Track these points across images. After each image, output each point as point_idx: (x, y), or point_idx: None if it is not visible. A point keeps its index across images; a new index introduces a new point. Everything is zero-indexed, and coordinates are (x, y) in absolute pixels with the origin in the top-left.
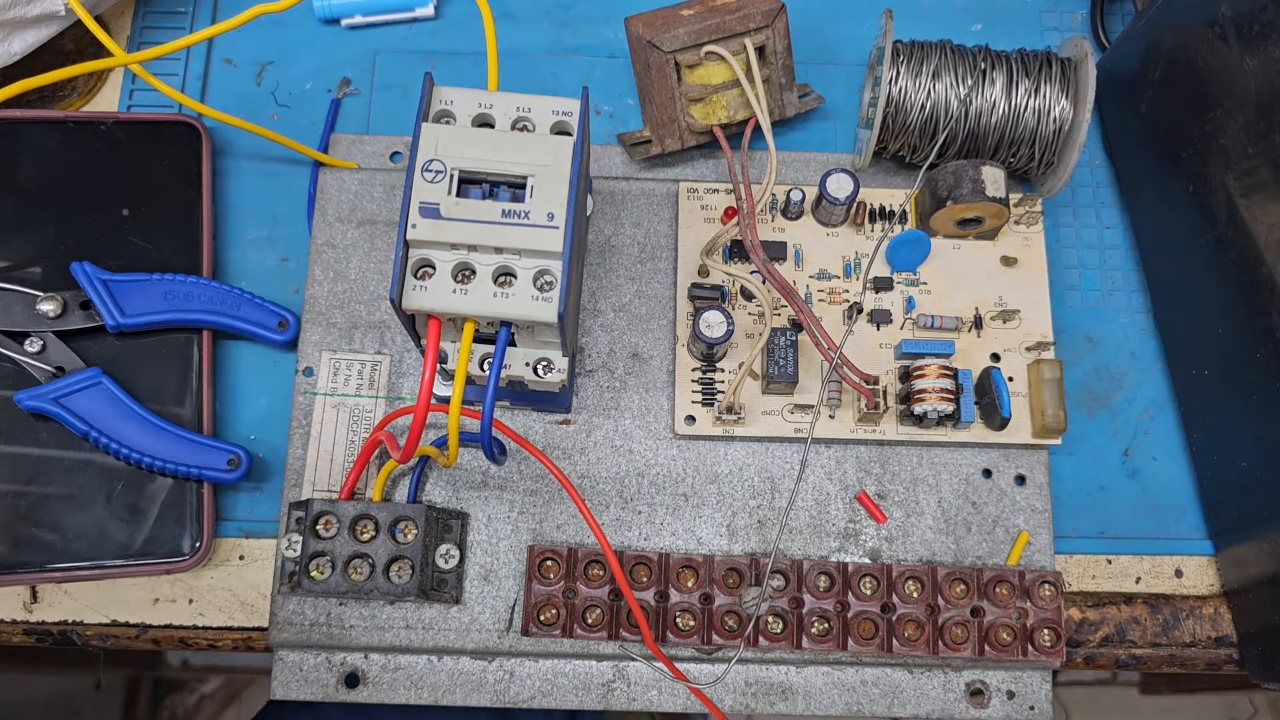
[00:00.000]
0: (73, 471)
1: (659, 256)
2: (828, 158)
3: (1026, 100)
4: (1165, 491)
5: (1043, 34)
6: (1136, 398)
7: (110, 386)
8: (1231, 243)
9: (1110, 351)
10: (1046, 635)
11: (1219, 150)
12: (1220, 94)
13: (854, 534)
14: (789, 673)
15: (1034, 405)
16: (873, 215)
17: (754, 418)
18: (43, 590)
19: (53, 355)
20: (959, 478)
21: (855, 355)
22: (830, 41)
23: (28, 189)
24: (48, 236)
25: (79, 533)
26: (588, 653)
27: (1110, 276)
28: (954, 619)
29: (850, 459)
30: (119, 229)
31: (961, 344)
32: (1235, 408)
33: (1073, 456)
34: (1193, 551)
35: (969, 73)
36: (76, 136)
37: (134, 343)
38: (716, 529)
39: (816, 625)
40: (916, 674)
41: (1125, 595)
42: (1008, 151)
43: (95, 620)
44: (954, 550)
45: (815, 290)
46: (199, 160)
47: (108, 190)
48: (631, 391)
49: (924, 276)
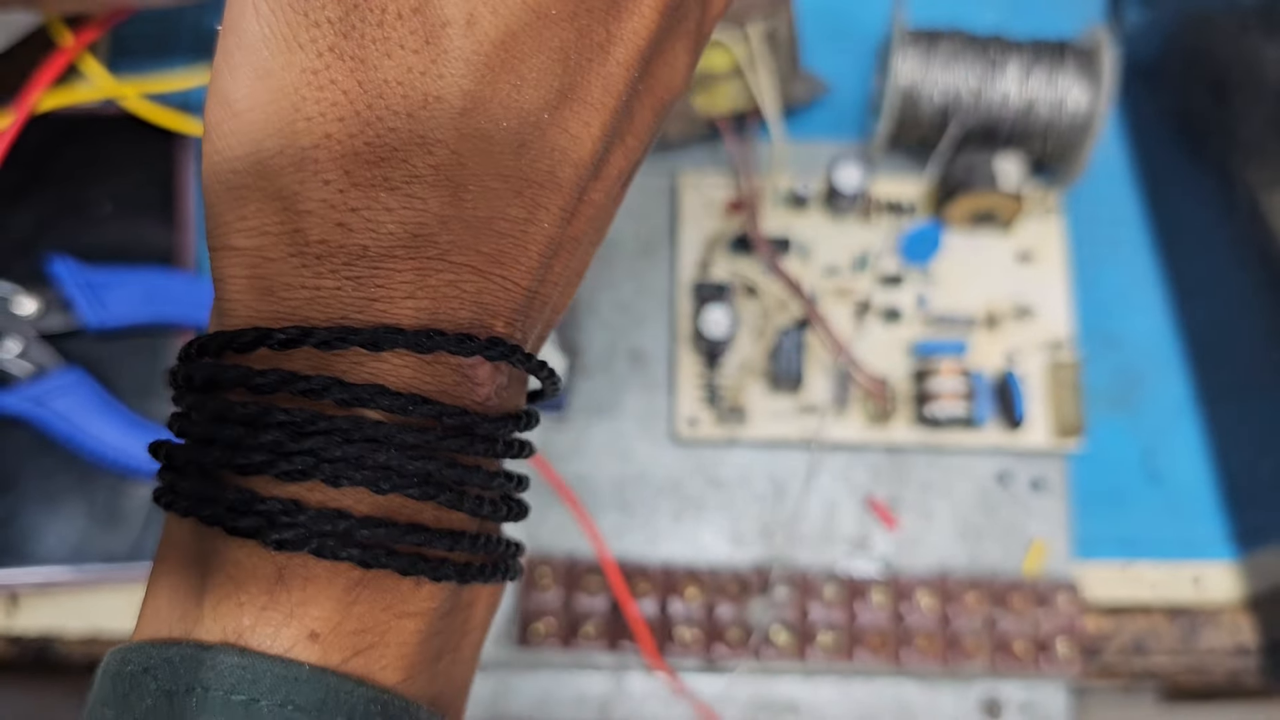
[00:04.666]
0: (53, 475)
1: (659, 251)
2: (836, 147)
3: (1042, 90)
4: (1186, 496)
5: (1058, 22)
6: (1157, 399)
7: (92, 387)
8: (1254, 237)
9: (1130, 350)
10: (1062, 645)
11: (1241, 142)
12: (1242, 84)
13: (863, 541)
14: (795, 685)
15: (1051, 407)
16: (883, 207)
17: (758, 419)
18: (22, 598)
19: (32, 355)
20: (973, 482)
21: (864, 354)
22: (838, 26)
23: (4, 185)
24: (26, 233)
25: (60, 538)
26: (586, 664)
27: (1130, 272)
28: (967, 629)
29: (859, 463)
30: (99, 225)
31: (975, 342)
32: (1259, 409)
33: (1091, 460)
34: (1214, 557)
35: (982, 61)
36: (54, 130)
37: (116, 342)
38: (720, 536)
39: (823, 636)
40: (928, 686)
41: (1143, 604)
42: (1022, 143)
43: (77, 628)
44: (967, 558)
45: (823, 286)
46: (180, 153)
47: (88, 186)
48: (631, 392)
49: (936, 272)
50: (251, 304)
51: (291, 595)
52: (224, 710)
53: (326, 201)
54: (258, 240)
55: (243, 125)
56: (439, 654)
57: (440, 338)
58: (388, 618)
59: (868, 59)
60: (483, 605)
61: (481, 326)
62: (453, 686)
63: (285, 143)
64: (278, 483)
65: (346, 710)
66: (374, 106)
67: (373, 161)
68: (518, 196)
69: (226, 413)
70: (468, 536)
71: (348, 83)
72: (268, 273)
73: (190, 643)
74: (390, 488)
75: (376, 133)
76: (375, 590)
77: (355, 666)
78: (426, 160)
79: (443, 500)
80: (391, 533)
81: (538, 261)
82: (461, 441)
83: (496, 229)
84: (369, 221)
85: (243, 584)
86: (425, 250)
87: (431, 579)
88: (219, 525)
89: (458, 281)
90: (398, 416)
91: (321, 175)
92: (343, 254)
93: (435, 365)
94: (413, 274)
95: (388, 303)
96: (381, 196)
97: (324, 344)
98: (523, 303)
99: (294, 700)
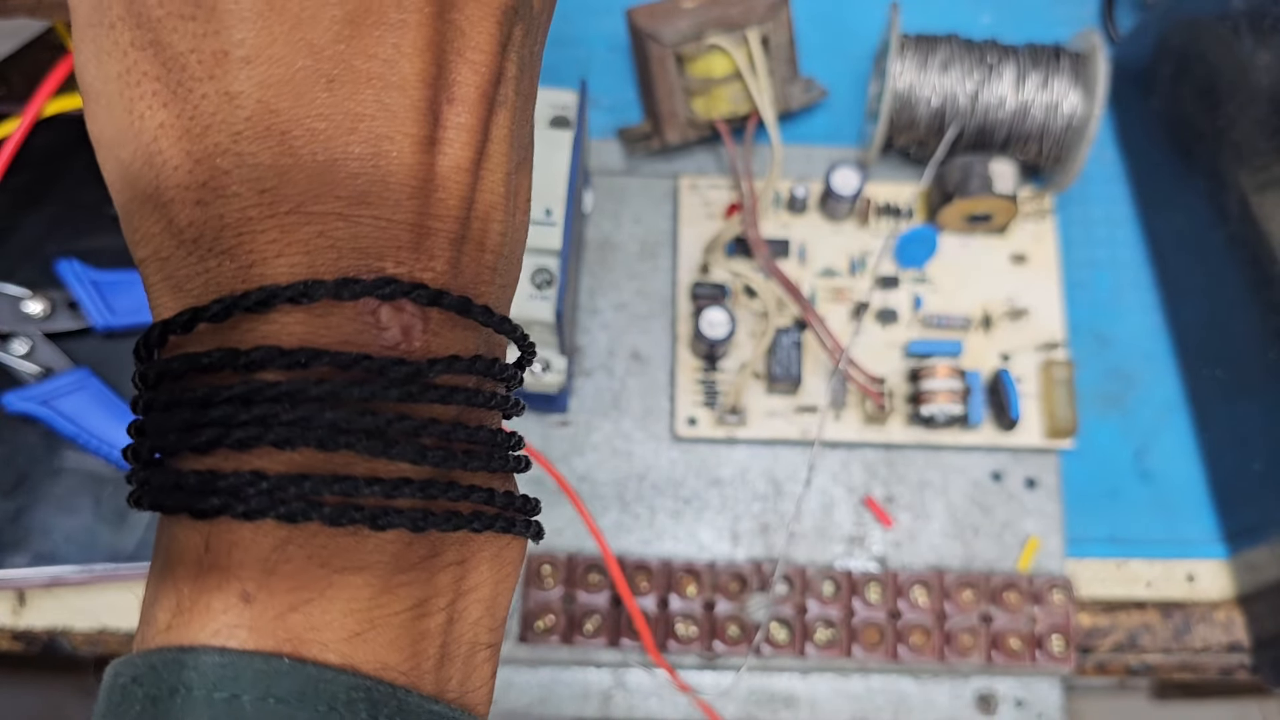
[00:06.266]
0: (61, 474)
1: (659, 253)
2: (833, 152)
3: (1036, 94)
4: (1178, 494)
5: (1052, 27)
6: (1149, 399)
7: (99, 387)
8: (1244, 240)
9: (1122, 351)
10: (1056, 642)
11: (1232, 146)
12: (1233, 89)
13: (860, 539)
14: (793, 681)
15: (1044, 406)
16: (880, 211)
17: (757, 419)
18: (30, 595)
19: (40, 356)
20: (968, 481)
21: (861, 355)
22: (835, 32)
23: (12, 187)
24: (34, 235)
25: (67, 537)
26: (587, 660)
27: (1122, 274)
28: (962, 625)
29: (856, 462)
30: (107, 226)
31: (970, 343)
32: (1249, 409)
33: (1083, 459)
34: (1206, 555)
35: (977, 66)
36: (62, 132)
37: (123, 343)
38: (719, 533)
39: (821, 632)
40: (923, 682)
41: (1137, 601)
42: (1017, 146)
43: (84, 626)
44: (962, 555)
45: (820, 288)
46: None
47: (95, 187)
48: (631, 392)
49: (932, 274)
50: (169, 304)
51: (219, 561)
52: (207, 707)
53: (180, 185)
54: (154, 245)
55: (109, 151)
56: (419, 613)
57: (319, 286)
58: (325, 573)
59: (865, 64)
60: (483, 565)
61: (369, 270)
62: (457, 651)
63: (135, 147)
64: (195, 457)
65: (327, 698)
66: (182, 81)
67: (200, 132)
68: (352, 134)
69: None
70: (414, 484)
71: (154, 68)
72: (171, 270)
73: (173, 648)
74: (302, 442)
75: (194, 105)
76: (305, 546)
77: (295, 623)
78: (240, 115)
79: (361, 449)
80: (312, 485)
81: (408, 193)
82: (379, 387)
83: (347, 170)
84: (217, 190)
85: (179, 563)
86: (279, 206)
87: (371, 527)
88: (169, 510)
89: (325, 231)
90: (295, 373)
91: (169, 163)
92: (209, 230)
93: (328, 317)
94: (276, 233)
95: (262, 265)
96: (218, 162)
97: (214, 318)
98: (411, 240)
99: (274, 693)
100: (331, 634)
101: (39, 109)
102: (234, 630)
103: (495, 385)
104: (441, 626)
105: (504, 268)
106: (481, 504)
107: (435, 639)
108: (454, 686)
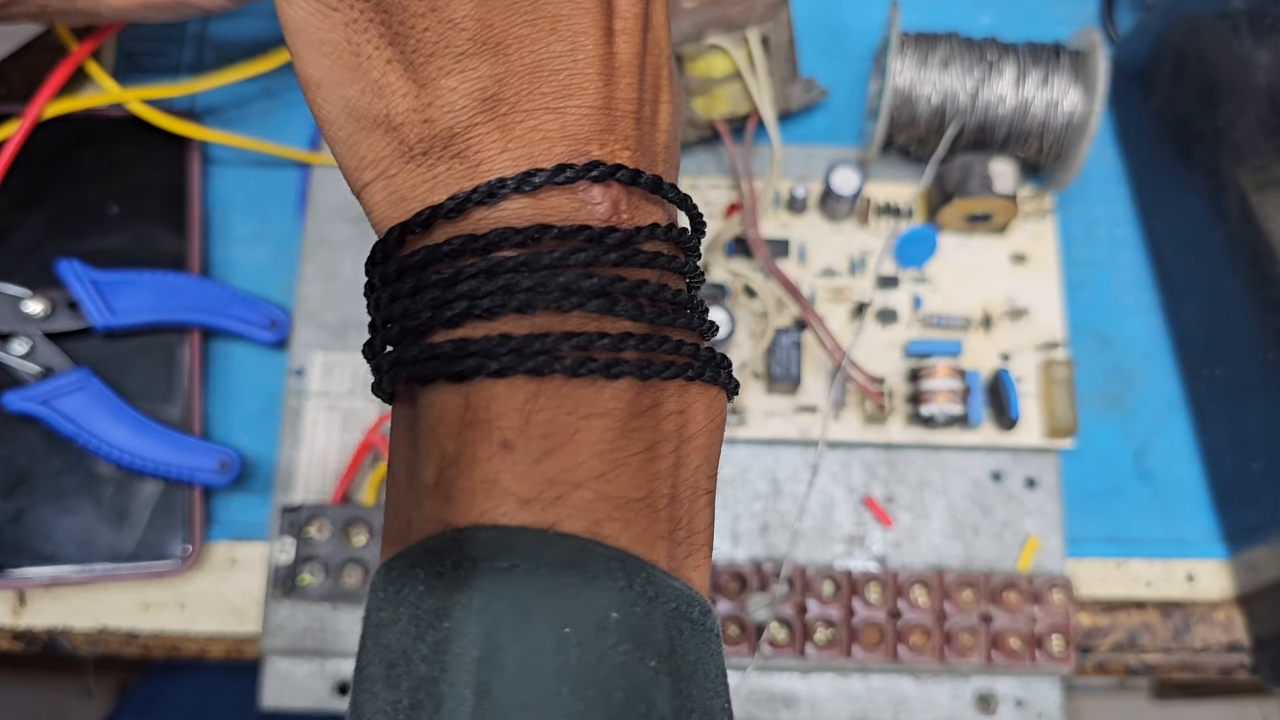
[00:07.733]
0: (61, 474)
1: None
2: (833, 151)
3: (1036, 93)
4: (1178, 494)
5: (1052, 26)
6: (1149, 399)
7: (99, 388)
8: (1244, 240)
9: (1122, 351)
10: (1056, 642)
11: (1231, 145)
12: (1233, 88)
13: (860, 539)
14: (793, 681)
15: (1044, 406)
16: (879, 210)
17: (757, 419)
18: (30, 595)
19: (41, 356)
20: (968, 481)
21: (861, 355)
22: (835, 32)
23: (13, 188)
24: (34, 235)
25: (67, 537)
26: None
27: (1122, 274)
28: (962, 625)
29: (856, 462)
30: (107, 226)
31: (970, 343)
32: (1249, 409)
33: (1083, 459)
34: (1206, 555)
35: (977, 64)
36: (63, 133)
37: (123, 343)
38: (719, 533)
39: (821, 632)
40: (924, 682)
41: (1137, 600)
42: (1017, 145)
43: (84, 626)
44: (962, 555)
45: (820, 288)
46: (188, 155)
47: (95, 187)
48: None
49: (932, 274)
50: (394, 216)
51: (479, 416)
52: (490, 576)
53: (409, 109)
54: (380, 167)
55: (329, 91)
56: (650, 456)
57: (540, 174)
58: (573, 420)
59: (865, 64)
60: (699, 414)
61: (578, 154)
62: (683, 494)
63: (362, 83)
64: (445, 331)
65: (590, 565)
66: (404, 20)
67: (425, 61)
68: (553, 34)
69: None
70: (635, 338)
71: (378, 14)
72: (396, 185)
73: (448, 531)
74: (542, 305)
75: (418, 37)
76: (553, 397)
77: (550, 467)
78: (462, 37)
79: (591, 308)
80: (553, 341)
81: (601, 81)
82: (600, 252)
83: (551, 68)
84: (446, 107)
85: (439, 424)
86: (498, 109)
87: (605, 377)
88: (429, 381)
89: (538, 125)
90: (529, 248)
91: (398, 91)
92: (439, 142)
93: (549, 199)
94: (498, 133)
95: (489, 162)
96: (444, 82)
97: (450, 214)
98: (606, 123)
99: (546, 561)
100: (583, 473)
101: (39, 110)
102: (503, 499)
103: (684, 252)
104: (670, 469)
105: (671, 147)
106: (691, 356)
107: (666, 480)
108: (684, 525)
